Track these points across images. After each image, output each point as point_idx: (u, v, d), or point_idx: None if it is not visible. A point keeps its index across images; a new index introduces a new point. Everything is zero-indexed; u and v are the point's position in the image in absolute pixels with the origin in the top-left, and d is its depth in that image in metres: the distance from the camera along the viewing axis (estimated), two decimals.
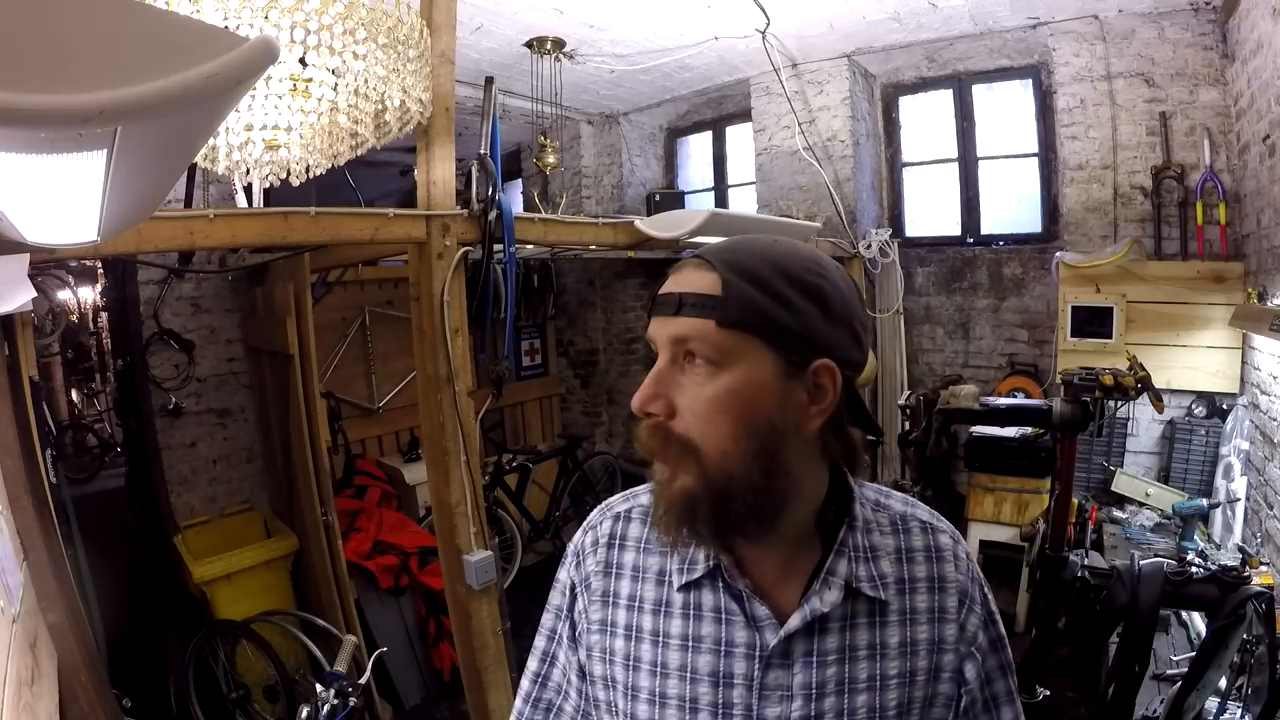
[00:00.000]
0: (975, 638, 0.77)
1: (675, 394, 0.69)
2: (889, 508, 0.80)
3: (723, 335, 0.67)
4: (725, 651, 0.73)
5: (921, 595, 0.76)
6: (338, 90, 1.54)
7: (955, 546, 0.79)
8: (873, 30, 3.91)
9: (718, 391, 0.67)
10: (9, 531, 1.44)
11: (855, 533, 0.75)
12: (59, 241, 1.05)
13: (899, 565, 0.76)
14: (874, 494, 0.81)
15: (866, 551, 0.75)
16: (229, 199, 3.43)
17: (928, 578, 0.77)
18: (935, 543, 0.79)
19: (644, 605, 0.78)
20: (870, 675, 0.72)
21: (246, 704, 2.90)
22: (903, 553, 0.77)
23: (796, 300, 0.68)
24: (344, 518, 3.37)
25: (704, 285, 0.68)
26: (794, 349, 0.68)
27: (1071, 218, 3.85)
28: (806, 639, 0.72)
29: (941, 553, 0.78)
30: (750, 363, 0.67)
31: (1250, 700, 1.91)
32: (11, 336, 1.86)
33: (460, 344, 2.15)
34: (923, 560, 0.77)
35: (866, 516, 0.77)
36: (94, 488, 5.99)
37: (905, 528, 0.79)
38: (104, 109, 0.55)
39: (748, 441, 0.67)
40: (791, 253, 0.71)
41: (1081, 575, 2.26)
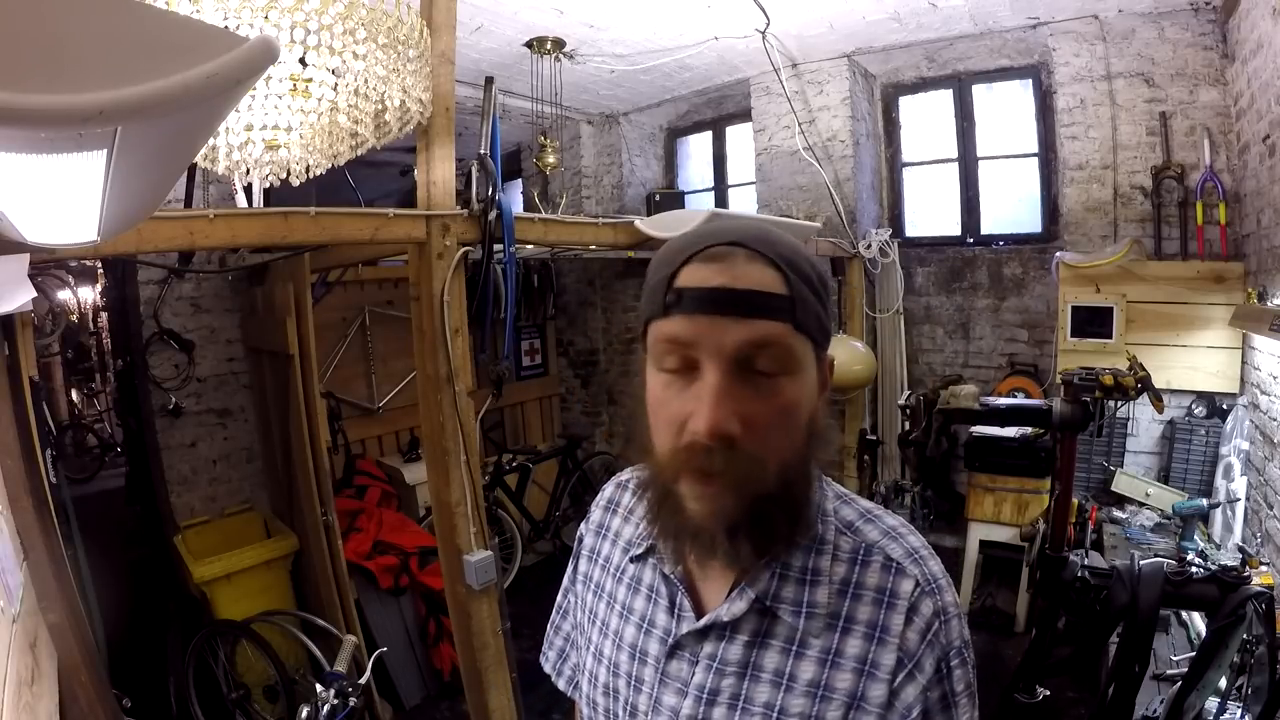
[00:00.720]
0: (909, 711, 0.64)
1: (743, 406, 0.61)
2: (861, 533, 0.70)
3: (798, 340, 0.62)
4: (646, 629, 0.74)
5: (855, 640, 0.66)
6: (338, 90, 1.54)
7: (919, 598, 0.66)
8: (873, 30, 3.91)
9: (787, 403, 0.62)
10: (9, 531, 1.44)
11: (793, 551, 0.68)
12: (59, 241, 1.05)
13: (840, 599, 0.67)
14: (854, 515, 0.72)
15: (805, 573, 0.68)
16: (229, 199, 3.43)
17: (868, 622, 0.66)
18: (893, 586, 0.67)
19: (610, 568, 0.82)
20: (769, 702, 0.66)
21: (246, 704, 2.90)
22: (850, 586, 0.67)
23: (824, 294, 0.66)
24: (344, 518, 3.37)
25: (770, 283, 0.61)
26: (825, 345, 0.67)
27: (1071, 218, 3.85)
28: (715, 642, 0.69)
29: (895, 599, 0.66)
30: (809, 367, 0.64)
31: (1250, 700, 1.91)
32: (11, 336, 1.86)
33: (460, 344, 2.15)
34: (870, 601, 0.67)
35: (822, 535, 0.69)
36: (94, 488, 5.99)
37: (865, 559, 0.68)
38: (104, 109, 0.55)
39: (804, 448, 0.65)
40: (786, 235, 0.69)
41: (1081, 575, 2.27)
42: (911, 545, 0.70)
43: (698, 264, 0.63)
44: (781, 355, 0.61)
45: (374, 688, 2.94)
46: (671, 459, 0.63)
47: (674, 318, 0.63)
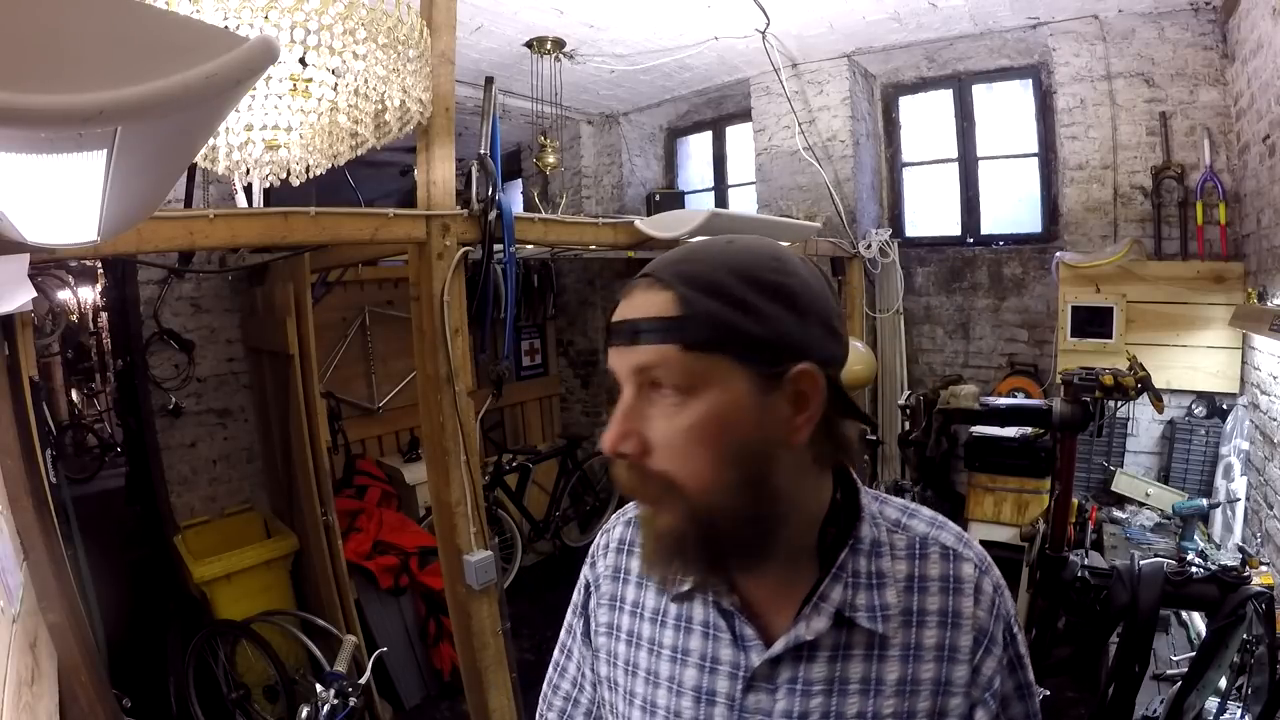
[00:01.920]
0: (991, 683, 0.69)
1: (646, 428, 0.63)
2: (910, 529, 0.73)
3: (689, 359, 0.61)
4: (710, 668, 0.71)
5: (930, 630, 0.68)
6: (338, 90, 1.54)
7: (980, 578, 0.71)
8: (873, 30, 3.91)
9: (692, 421, 0.62)
10: (9, 531, 1.44)
11: (859, 556, 0.69)
12: (59, 241, 1.05)
13: (908, 595, 0.69)
14: (896, 512, 0.74)
15: (871, 577, 0.69)
16: (229, 199, 3.43)
17: (940, 611, 0.69)
18: (956, 572, 0.70)
19: (644, 612, 0.78)
20: (860, 711, 0.67)
21: (246, 704, 2.90)
22: (915, 581, 0.70)
23: (763, 305, 0.62)
24: (344, 518, 3.37)
25: (659, 306, 0.62)
26: (767, 360, 0.62)
27: (1071, 218, 3.85)
28: (793, 665, 0.68)
29: (961, 584, 0.70)
30: (723, 384, 0.62)
31: (1250, 700, 1.91)
32: (11, 336, 1.86)
33: (460, 344, 2.15)
34: (937, 591, 0.69)
35: (879, 538, 0.71)
36: (94, 488, 5.99)
37: (923, 553, 0.71)
38: (104, 109, 0.55)
39: (731, 470, 0.62)
40: (750, 252, 0.65)
41: (1081, 575, 2.26)
42: (956, 531, 0.75)
43: (622, 300, 0.67)
44: (673, 375, 0.62)
45: (374, 688, 2.94)
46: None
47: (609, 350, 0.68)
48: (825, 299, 0.67)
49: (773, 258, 0.65)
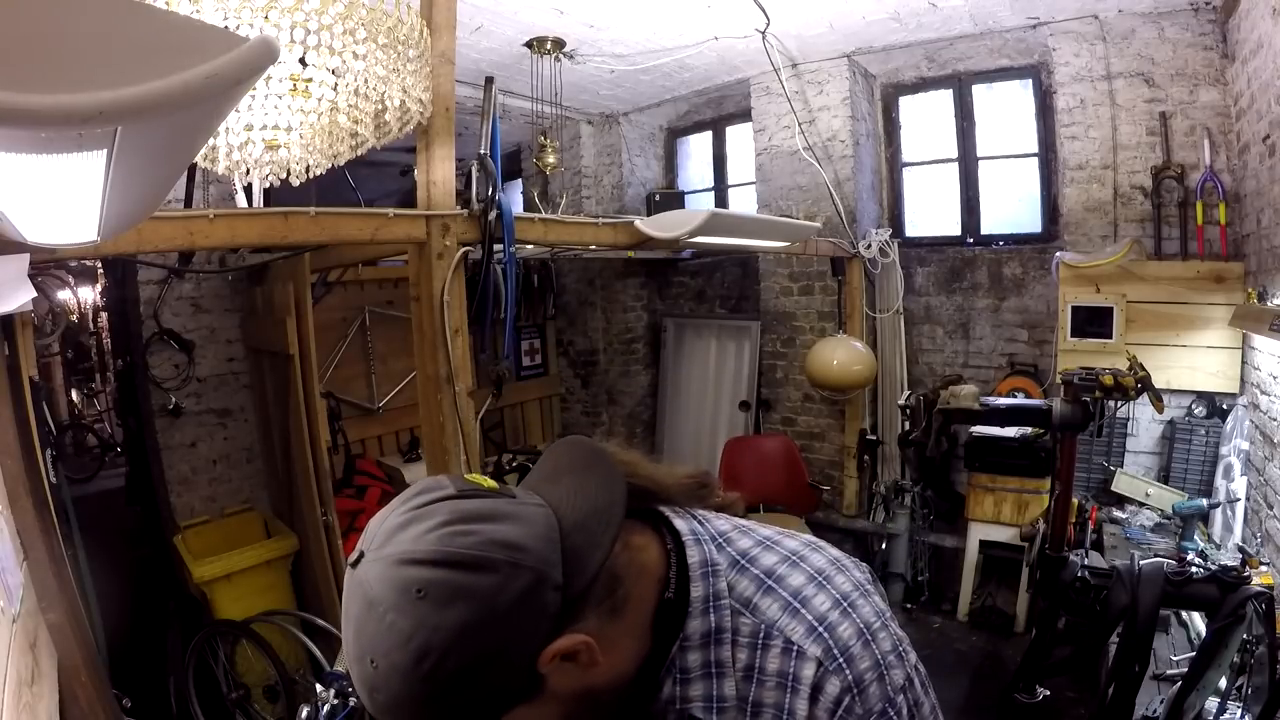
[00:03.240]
0: None
1: None
2: (759, 612, 0.67)
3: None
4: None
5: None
6: (338, 90, 1.54)
7: (823, 678, 0.63)
8: (873, 30, 3.91)
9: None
10: (9, 531, 1.44)
11: (688, 653, 0.66)
12: (59, 241, 1.06)
13: (746, 684, 0.66)
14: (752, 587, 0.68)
15: (709, 666, 0.66)
16: (229, 199, 3.43)
17: (774, 705, 0.65)
18: (795, 670, 0.64)
19: None
20: None
21: (246, 704, 2.91)
22: (754, 673, 0.66)
23: (449, 708, 0.57)
24: (344, 518, 3.36)
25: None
26: (499, 710, 0.60)
27: (1071, 218, 3.85)
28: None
29: (798, 684, 0.64)
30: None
31: (1250, 700, 1.91)
32: (11, 336, 1.86)
33: (460, 344, 2.15)
34: (773, 686, 0.65)
35: (718, 625, 0.66)
36: (94, 488, 5.98)
37: (765, 643, 0.65)
38: (104, 109, 0.55)
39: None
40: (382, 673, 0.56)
41: (1081, 575, 2.27)
42: (819, 613, 0.66)
43: None
44: None
45: None
46: None
47: None
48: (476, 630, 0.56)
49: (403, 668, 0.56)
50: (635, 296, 5.59)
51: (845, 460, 4.54)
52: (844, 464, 4.55)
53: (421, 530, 0.58)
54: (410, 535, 0.58)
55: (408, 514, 0.60)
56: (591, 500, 0.64)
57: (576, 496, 0.65)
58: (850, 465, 4.51)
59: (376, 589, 0.56)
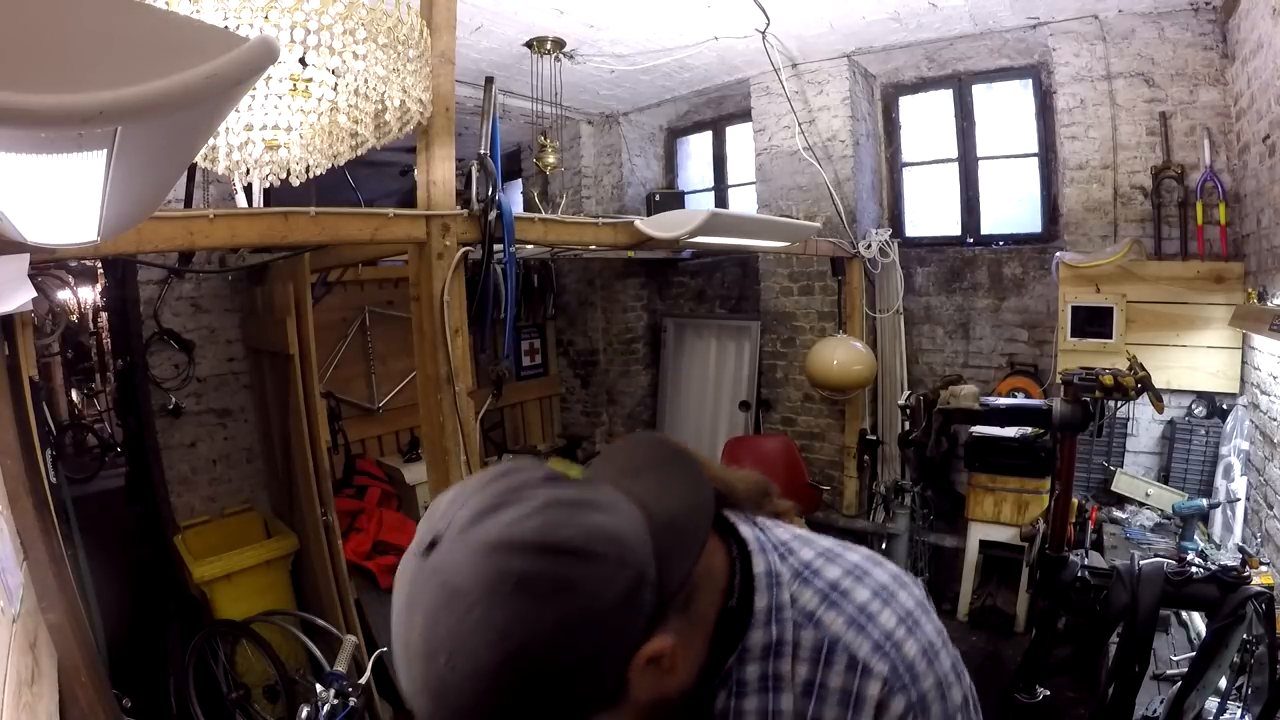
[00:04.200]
0: None
1: None
2: (823, 627, 0.64)
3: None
4: None
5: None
6: (338, 90, 1.54)
7: (888, 697, 0.61)
8: (873, 30, 3.91)
9: None
10: (9, 531, 1.44)
11: (746, 665, 0.64)
12: (59, 241, 1.06)
13: (805, 699, 0.63)
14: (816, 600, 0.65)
15: (766, 680, 0.64)
16: (229, 199, 3.43)
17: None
18: (859, 689, 0.62)
19: None
20: None
21: (246, 704, 2.90)
22: (814, 690, 0.63)
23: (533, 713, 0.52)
24: (344, 518, 3.36)
25: None
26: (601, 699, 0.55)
27: (1071, 218, 3.85)
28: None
29: (861, 702, 0.62)
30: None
31: (1250, 700, 1.91)
32: (11, 336, 1.86)
33: (460, 344, 2.15)
34: (834, 703, 0.62)
35: (780, 638, 0.64)
36: (94, 488, 5.98)
37: (829, 660, 0.63)
38: (104, 109, 0.55)
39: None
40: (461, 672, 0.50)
41: (1081, 575, 2.27)
42: (885, 629, 0.63)
43: None
44: None
45: (374, 688, 2.93)
46: None
47: None
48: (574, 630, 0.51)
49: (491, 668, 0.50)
50: (635, 296, 5.59)
51: (845, 460, 4.54)
52: (844, 464, 4.55)
53: (520, 514, 0.52)
54: (506, 519, 0.52)
55: (499, 496, 0.54)
56: (679, 500, 0.62)
57: (663, 494, 0.61)
58: (850, 465, 4.51)
59: (464, 578, 0.50)
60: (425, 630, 0.51)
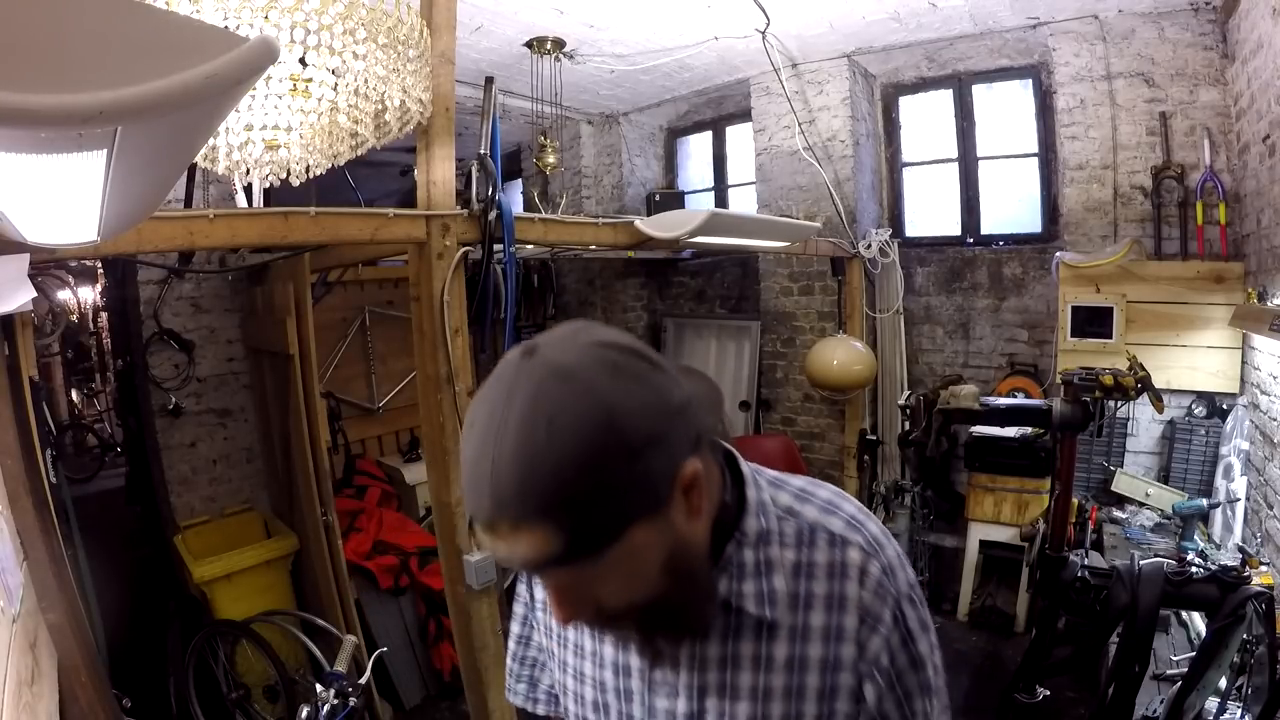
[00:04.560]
0: (877, 659, 0.73)
1: (587, 595, 0.66)
2: (800, 516, 0.76)
3: (588, 564, 0.62)
4: (623, 645, 0.78)
5: (817, 613, 0.73)
6: (338, 90, 1.54)
7: (866, 562, 0.73)
8: (873, 30, 3.91)
9: (620, 579, 0.65)
10: (9, 531, 1.44)
11: (744, 549, 0.73)
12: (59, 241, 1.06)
13: (795, 579, 0.74)
14: (789, 497, 0.77)
15: (759, 566, 0.73)
16: (229, 199, 3.43)
17: (826, 595, 0.73)
18: (841, 558, 0.74)
19: None
20: (753, 685, 0.73)
21: (246, 704, 2.90)
22: (802, 568, 0.74)
23: (612, 477, 0.59)
24: (344, 518, 3.37)
25: (538, 546, 0.59)
26: (645, 504, 0.62)
27: (1071, 218, 3.85)
28: (690, 642, 0.74)
29: (846, 569, 0.73)
30: (628, 544, 0.62)
31: (1250, 700, 1.91)
32: (11, 336, 1.86)
33: (460, 344, 2.15)
34: (823, 576, 0.74)
35: (767, 527, 0.74)
36: (94, 488, 5.98)
37: (810, 539, 0.75)
38: (104, 109, 0.55)
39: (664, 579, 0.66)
40: (561, 431, 0.57)
41: (1081, 575, 2.27)
42: (849, 514, 0.77)
43: (482, 532, 0.62)
44: (582, 580, 0.64)
45: (374, 688, 2.94)
46: None
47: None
48: (654, 412, 0.62)
49: (585, 418, 0.59)
50: (635, 296, 5.59)
51: (845, 460, 4.54)
52: (844, 464, 4.55)
53: (610, 333, 0.65)
54: (601, 333, 0.64)
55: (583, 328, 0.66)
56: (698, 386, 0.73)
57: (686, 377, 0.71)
58: (850, 465, 4.51)
59: (571, 360, 0.60)
60: (528, 405, 0.58)
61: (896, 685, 0.74)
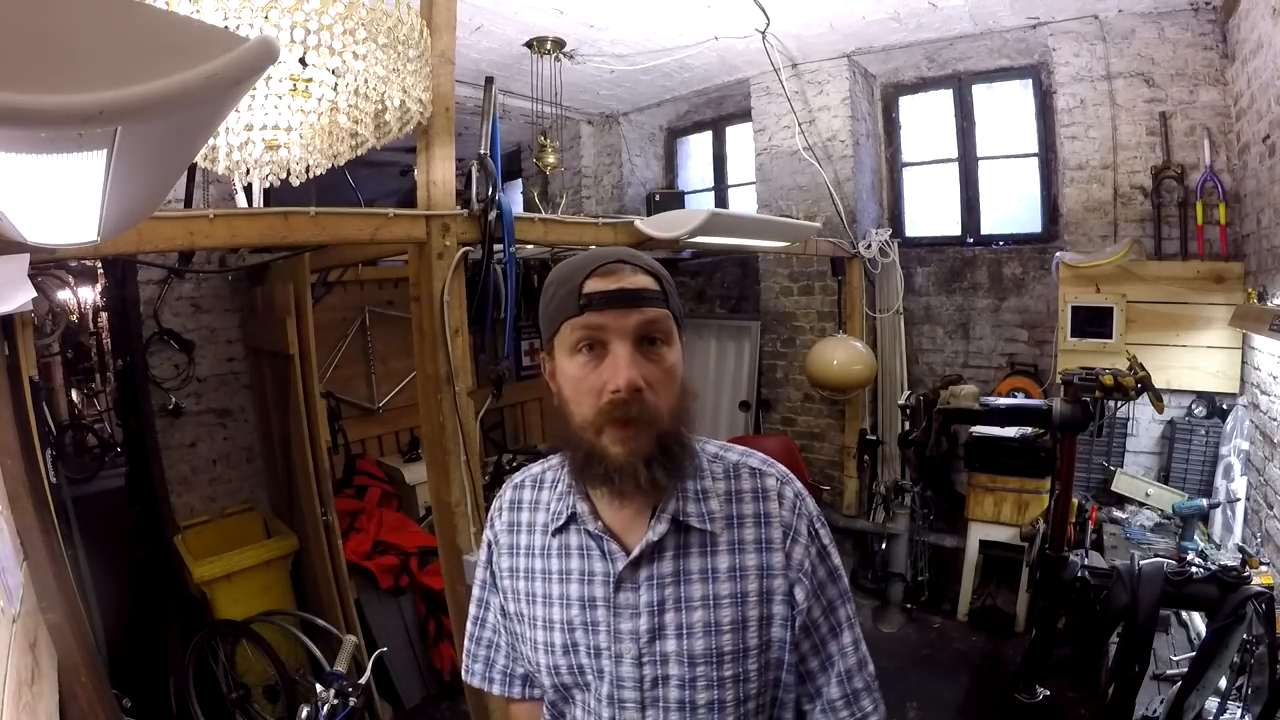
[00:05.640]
0: (802, 565, 0.90)
1: (645, 371, 0.83)
2: (724, 458, 0.95)
3: (668, 320, 0.86)
4: (587, 579, 0.91)
5: (749, 529, 0.90)
6: (338, 90, 1.54)
7: (781, 487, 0.93)
8: (873, 30, 3.91)
9: (672, 365, 0.86)
10: (9, 531, 1.44)
11: (686, 478, 0.89)
12: (59, 241, 1.06)
13: (728, 504, 0.91)
14: (715, 448, 0.96)
15: (697, 494, 0.90)
16: (229, 199, 3.43)
17: (754, 514, 0.91)
18: (762, 485, 0.92)
19: (535, 551, 0.96)
20: (704, 595, 0.87)
21: (246, 704, 2.90)
22: (732, 495, 0.91)
23: (675, 293, 0.90)
24: (344, 518, 3.36)
25: (650, 284, 0.85)
26: (679, 323, 0.89)
27: (1071, 218, 3.85)
28: (648, 565, 0.88)
29: (767, 493, 0.92)
30: (676, 340, 0.87)
31: (1250, 700, 1.91)
32: (11, 336, 1.86)
33: (460, 344, 2.15)
34: (750, 500, 0.91)
35: (701, 466, 0.92)
36: (94, 488, 5.98)
37: (736, 473, 0.93)
38: (104, 109, 0.55)
39: (681, 401, 0.86)
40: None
41: (1081, 575, 2.27)
42: (761, 458, 0.97)
43: (597, 278, 0.84)
44: (665, 331, 0.85)
45: (374, 688, 2.94)
46: (595, 418, 0.83)
47: (587, 315, 0.82)
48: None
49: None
50: None
51: (845, 460, 4.54)
52: (844, 464, 4.55)
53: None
54: None
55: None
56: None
57: None
58: (850, 465, 4.51)
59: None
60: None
61: (821, 595, 0.91)
